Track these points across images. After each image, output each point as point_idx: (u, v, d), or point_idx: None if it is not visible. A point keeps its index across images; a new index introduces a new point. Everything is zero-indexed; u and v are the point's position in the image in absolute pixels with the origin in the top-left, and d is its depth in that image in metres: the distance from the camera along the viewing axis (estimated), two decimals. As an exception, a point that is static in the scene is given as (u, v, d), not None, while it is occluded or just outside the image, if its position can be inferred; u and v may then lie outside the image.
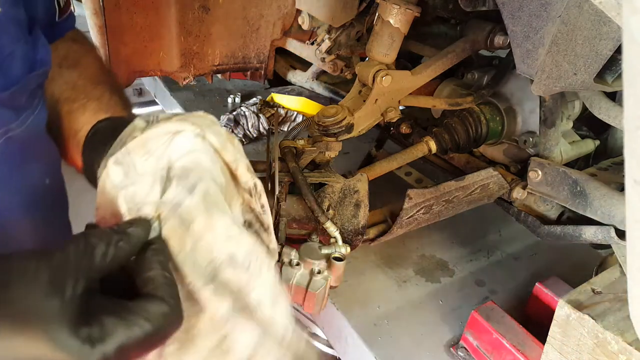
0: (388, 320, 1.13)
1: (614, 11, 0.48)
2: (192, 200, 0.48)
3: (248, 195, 0.55)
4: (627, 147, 0.33)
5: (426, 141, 1.13)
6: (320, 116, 1.01)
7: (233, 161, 0.54)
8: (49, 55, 0.62)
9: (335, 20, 1.27)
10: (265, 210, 0.57)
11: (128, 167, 0.50)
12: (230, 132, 1.70)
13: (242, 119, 1.77)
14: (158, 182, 0.50)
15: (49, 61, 0.62)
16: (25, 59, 0.57)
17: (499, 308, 1.05)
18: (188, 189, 0.49)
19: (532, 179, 1.05)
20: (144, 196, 0.49)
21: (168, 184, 0.49)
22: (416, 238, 1.39)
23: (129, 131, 0.54)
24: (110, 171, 0.50)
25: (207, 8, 1.51)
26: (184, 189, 0.49)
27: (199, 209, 0.48)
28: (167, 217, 0.48)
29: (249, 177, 0.55)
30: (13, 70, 0.55)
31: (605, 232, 0.95)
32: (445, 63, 1.09)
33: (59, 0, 0.75)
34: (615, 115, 0.92)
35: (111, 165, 0.50)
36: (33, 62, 0.59)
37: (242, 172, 0.54)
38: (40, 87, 0.64)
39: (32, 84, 0.60)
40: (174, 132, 0.52)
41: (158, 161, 0.50)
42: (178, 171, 0.50)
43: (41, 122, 0.65)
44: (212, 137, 0.53)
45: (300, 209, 0.92)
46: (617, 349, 0.73)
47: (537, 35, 0.82)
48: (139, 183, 0.49)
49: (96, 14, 1.27)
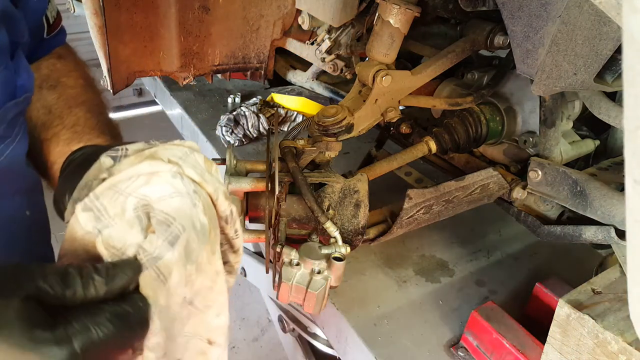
0: (388, 320, 1.13)
1: (614, 11, 0.48)
2: (173, 255, 0.48)
3: (224, 222, 0.57)
4: (627, 147, 0.33)
5: (426, 141, 1.13)
6: (320, 116, 1.01)
7: (213, 192, 0.54)
8: (30, 80, 0.60)
9: (335, 20, 1.27)
10: (237, 235, 0.59)
11: (99, 212, 0.48)
12: (230, 133, 1.71)
13: (242, 119, 1.77)
14: (136, 223, 0.49)
15: (30, 87, 0.60)
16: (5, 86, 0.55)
17: (499, 308, 1.05)
18: (169, 241, 0.48)
19: (532, 179, 1.05)
20: (123, 239, 0.48)
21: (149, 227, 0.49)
22: (416, 238, 1.39)
23: (95, 171, 0.52)
24: (80, 218, 0.48)
25: (207, 8, 1.51)
26: (165, 241, 0.48)
27: (177, 264, 0.48)
28: (145, 266, 0.47)
29: (226, 205, 0.56)
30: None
31: (605, 232, 0.95)
32: (445, 63, 1.09)
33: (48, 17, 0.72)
34: (615, 115, 0.92)
35: (79, 212, 0.48)
36: (13, 89, 0.57)
37: (220, 202, 0.55)
38: (20, 115, 0.61)
39: (12, 112, 0.57)
40: (147, 174, 0.51)
41: (129, 199, 0.49)
42: (160, 216, 0.49)
43: (21, 152, 0.62)
44: (190, 172, 0.53)
45: (300, 209, 0.92)
46: (617, 349, 0.73)
47: (537, 35, 0.82)
48: (113, 226, 0.48)
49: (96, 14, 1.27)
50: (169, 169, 0.51)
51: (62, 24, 0.79)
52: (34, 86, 0.61)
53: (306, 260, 0.81)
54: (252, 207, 0.93)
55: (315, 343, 1.49)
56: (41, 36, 0.73)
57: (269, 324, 2.73)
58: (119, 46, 1.39)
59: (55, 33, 0.77)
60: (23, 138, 0.62)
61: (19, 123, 0.61)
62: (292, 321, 1.53)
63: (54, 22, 0.75)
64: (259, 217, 0.94)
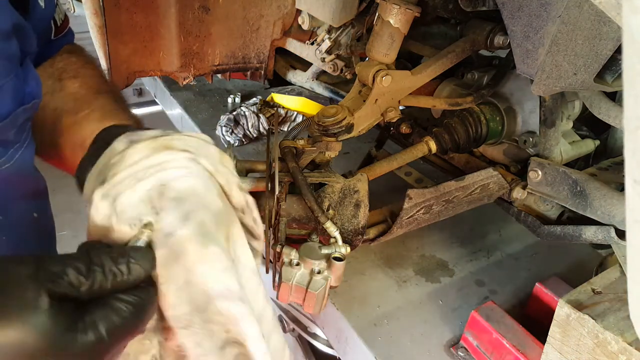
0: (388, 320, 1.13)
1: (614, 11, 0.48)
2: (185, 231, 0.48)
3: (241, 213, 0.56)
4: (627, 147, 0.33)
5: (426, 141, 1.13)
6: (320, 116, 1.01)
7: (226, 184, 0.54)
8: (39, 87, 0.61)
9: (335, 20, 1.27)
10: (257, 223, 0.59)
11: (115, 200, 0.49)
12: (230, 133, 1.71)
13: (242, 119, 1.77)
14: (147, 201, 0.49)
15: (38, 93, 0.61)
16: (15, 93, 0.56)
17: (499, 308, 1.05)
18: (181, 218, 0.48)
19: (532, 179, 1.05)
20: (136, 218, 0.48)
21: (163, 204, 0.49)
22: (416, 238, 1.39)
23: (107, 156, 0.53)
24: (99, 206, 0.49)
25: (207, 8, 1.51)
26: (177, 217, 0.48)
27: (191, 241, 0.48)
28: (158, 245, 0.47)
29: (241, 196, 0.56)
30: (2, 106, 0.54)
31: (605, 232, 0.95)
32: (445, 63, 1.08)
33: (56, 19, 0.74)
34: (615, 115, 0.92)
35: (98, 199, 0.49)
36: (22, 96, 0.58)
37: (235, 193, 0.55)
38: (28, 121, 0.62)
39: (21, 118, 0.59)
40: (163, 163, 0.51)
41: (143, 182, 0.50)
42: (172, 194, 0.50)
43: (29, 156, 0.64)
44: (204, 161, 0.53)
45: (300, 209, 0.92)
46: (617, 349, 0.73)
47: (537, 35, 0.82)
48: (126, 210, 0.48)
49: (96, 14, 1.27)
50: (183, 155, 0.52)
51: (69, 26, 0.80)
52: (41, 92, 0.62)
53: (306, 260, 0.81)
54: (252, 207, 0.93)
55: (315, 343, 1.49)
56: (49, 38, 0.75)
57: (269, 324, 2.72)
58: (119, 46, 1.39)
59: (63, 34, 0.78)
60: (31, 143, 0.63)
61: (27, 128, 0.62)
62: (292, 321, 1.53)
63: (61, 24, 0.77)
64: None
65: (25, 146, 0.62)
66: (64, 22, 0.78)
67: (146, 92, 2.90)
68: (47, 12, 0.71)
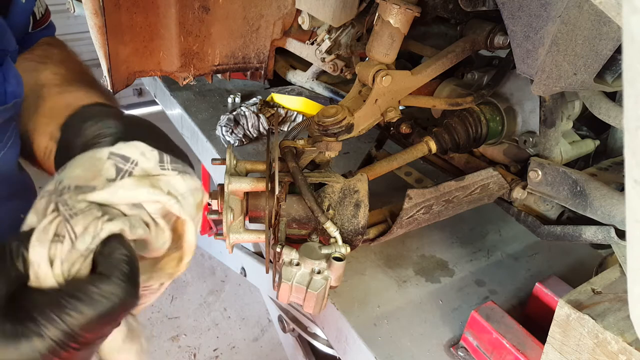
0: (388, 320, 1.13)
1: (614, 11, 0.48)
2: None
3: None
4: (627, 147, 0.33)
5: (426, 141, 1.13)
6: (320, 116, 1.01)
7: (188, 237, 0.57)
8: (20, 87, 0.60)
9: (335, 20, 1.27)
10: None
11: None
12: (230, 133, 1.71)
13: (242, 119, 1.77)
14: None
15: (19, 93, 0.60)
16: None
17: (499, 308, 1.05)
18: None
19: (532, 179, 1.05)
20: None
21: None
22: (416, 238, 1.39)
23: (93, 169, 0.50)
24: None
25: (207, 8, 1.51)
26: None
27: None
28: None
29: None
30: None
31: (605, 232, 0.95)
32: (445, 63, 1.09)
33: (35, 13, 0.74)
34: (615, 115, 0.92)
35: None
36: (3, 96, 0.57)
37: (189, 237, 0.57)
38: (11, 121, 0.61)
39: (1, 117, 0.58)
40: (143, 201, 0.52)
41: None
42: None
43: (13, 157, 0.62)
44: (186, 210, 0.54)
45: (300, 209, 0.92)
46: (617, 349, 0.73)
47: (537, 35, 0.82)
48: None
49: (96, 14, 1.27)
50: (167, 200, 0.51)
51: (50, 20, 0.80)
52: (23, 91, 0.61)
53: (306, 260, 0.81)
54: (252, 207, 0.93)
55: (315, 343, 1.49)
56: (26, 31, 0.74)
57: (269, 324, 2.73)
58: (119, 46, 1.39)
59: (43, 27, 0.78)
60: (15, 143, 0.62)
61: (10, 128, 0.61)
62: (292, 321, 1.53)
63: (41, 18, 0.76)
64: (259, 217, 0.94)
65: (7, 147, 0.61)
66: (44, 16, 0.77)
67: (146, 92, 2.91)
68: (27, 6, 0.71)
